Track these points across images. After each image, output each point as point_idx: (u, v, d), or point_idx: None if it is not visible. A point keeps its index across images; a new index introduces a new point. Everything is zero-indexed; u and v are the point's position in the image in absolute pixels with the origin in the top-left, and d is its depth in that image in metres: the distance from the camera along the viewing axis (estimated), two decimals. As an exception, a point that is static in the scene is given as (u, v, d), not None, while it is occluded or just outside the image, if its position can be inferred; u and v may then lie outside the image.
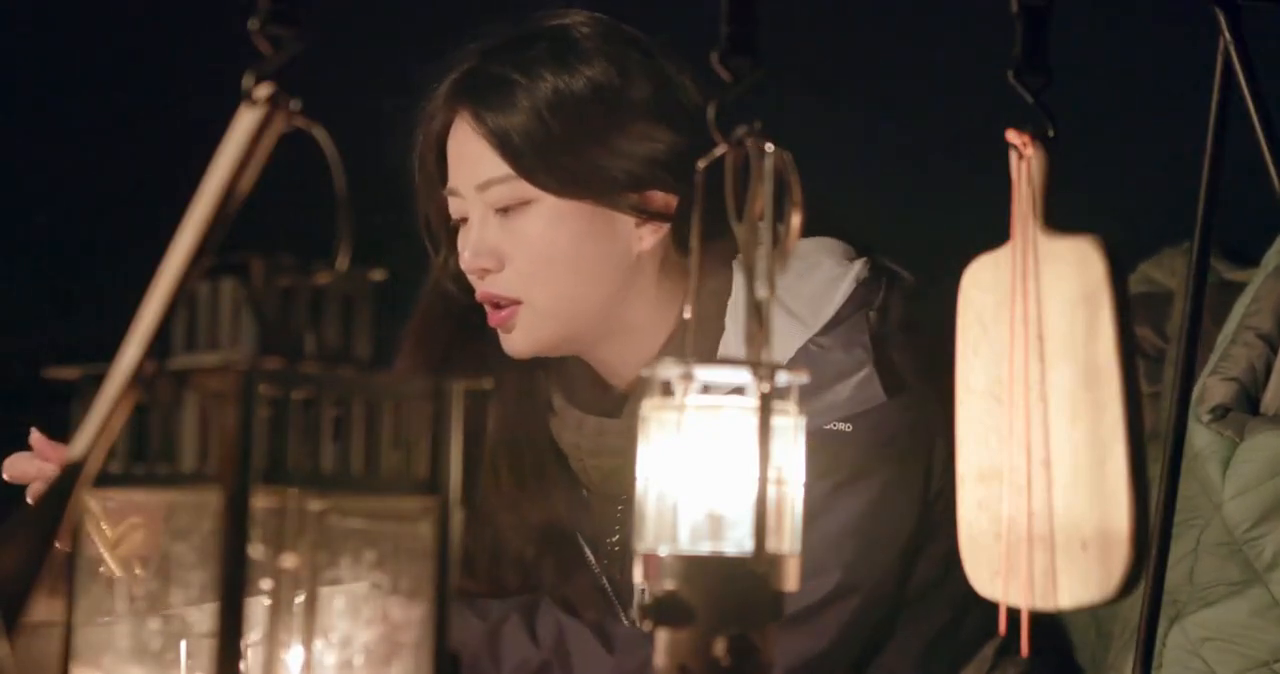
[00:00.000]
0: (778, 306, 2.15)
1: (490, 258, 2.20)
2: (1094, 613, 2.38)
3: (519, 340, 2.22)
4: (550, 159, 2.17)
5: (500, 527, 2.28)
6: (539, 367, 2.31)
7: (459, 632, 2.11)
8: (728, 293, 2.19)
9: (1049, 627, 2.37)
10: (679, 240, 2.22)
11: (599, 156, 2.17)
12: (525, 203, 2.18)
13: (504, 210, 2.19)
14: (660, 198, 2.20)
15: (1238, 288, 2.41)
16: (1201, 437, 2.26)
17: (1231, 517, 2.22)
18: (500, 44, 2.24)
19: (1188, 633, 2.22)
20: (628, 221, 2.20)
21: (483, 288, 2.22)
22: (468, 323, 2.26)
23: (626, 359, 2.25)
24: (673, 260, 2.24)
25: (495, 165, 2.19)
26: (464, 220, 2.23)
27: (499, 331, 2.23)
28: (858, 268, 2.21)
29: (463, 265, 2.22)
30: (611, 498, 2.30)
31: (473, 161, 2.21)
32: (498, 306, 2.21)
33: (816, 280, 2.19)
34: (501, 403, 2.30)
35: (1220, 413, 2.27)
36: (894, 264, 2.25)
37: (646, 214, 2.19)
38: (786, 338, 2.13)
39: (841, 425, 2.12)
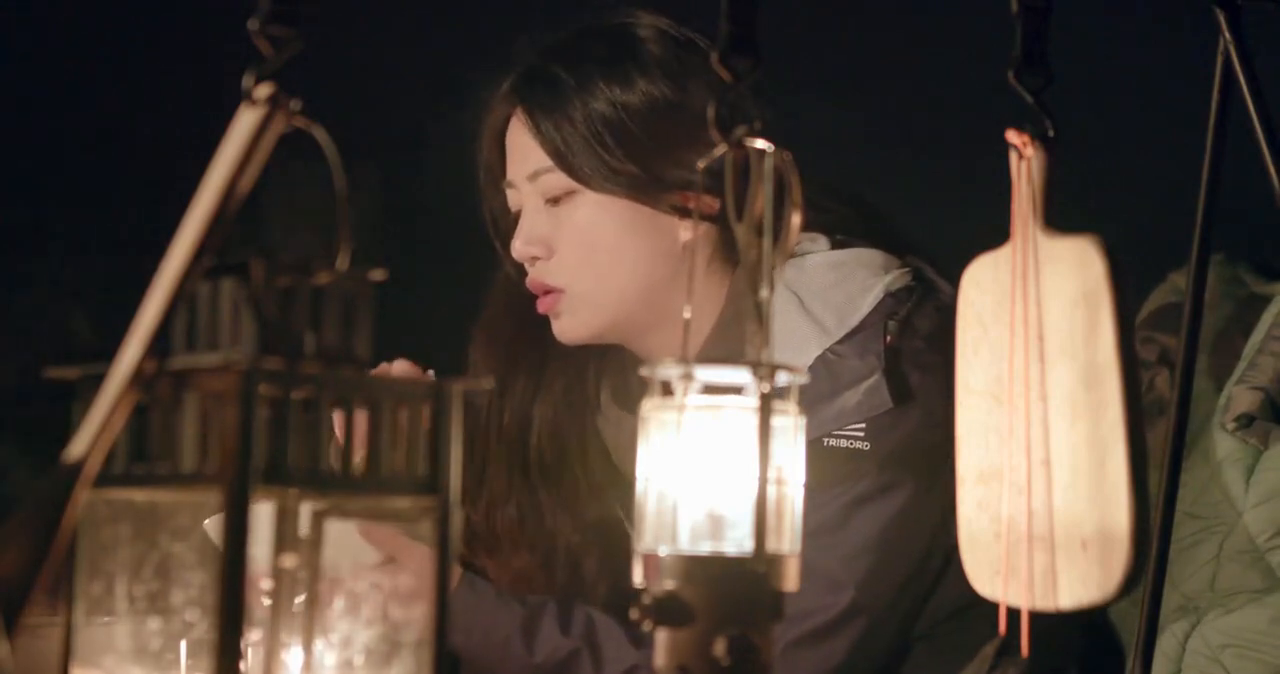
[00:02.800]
0: (804, 315, 2.16)
1: (540, 246, 2.25)
2: (1115, 621, 2.38)
3: (568, 327, 2.26)
4: (599, 165, 2.22)
5: (549, 523, 2.31)
6: (590, 364, 2.36)
7: (498, 612, 2.14)
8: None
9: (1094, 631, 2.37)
10: (726, 233, 2.24)
11: (650, 165, 2.21)
12: (572, 192, 2.23)
13: (554, 200, 2.24)
14: (706, 199, 2.21)
15: (1266, 300, 2.42)
16: (1226, 445, 2.27)
17: (1254, 524, 2.22)
18: (561, 44, 2.28)
19: (1208, 639, 2.22)
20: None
21: (532, 275, 2.27)
22: (531, 315, 2.30)
23: (674, 350, 2.26)
24: (721, 252, 2.25)
25: (544, 157, 2.24)
26: (521, 212, 2.28)
27: (551, 320, 2.27)
28: (890, 278, 2.22)
29: (514, 253, 2.27)
30: None
31: (525, 153, 2.26)
32: (546, 293, 2.26)
33: (847, 291, 2.20)
34: (550, 400, 2.35)
35: (1245, 421, 2.27)
36: (938, 275, 2.25)
37: (690, 214, 2.22)
38: (807, 346, 2.15)
39: (859, 444, 2.12)
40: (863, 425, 2.12)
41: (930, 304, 2.21)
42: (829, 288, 2.20)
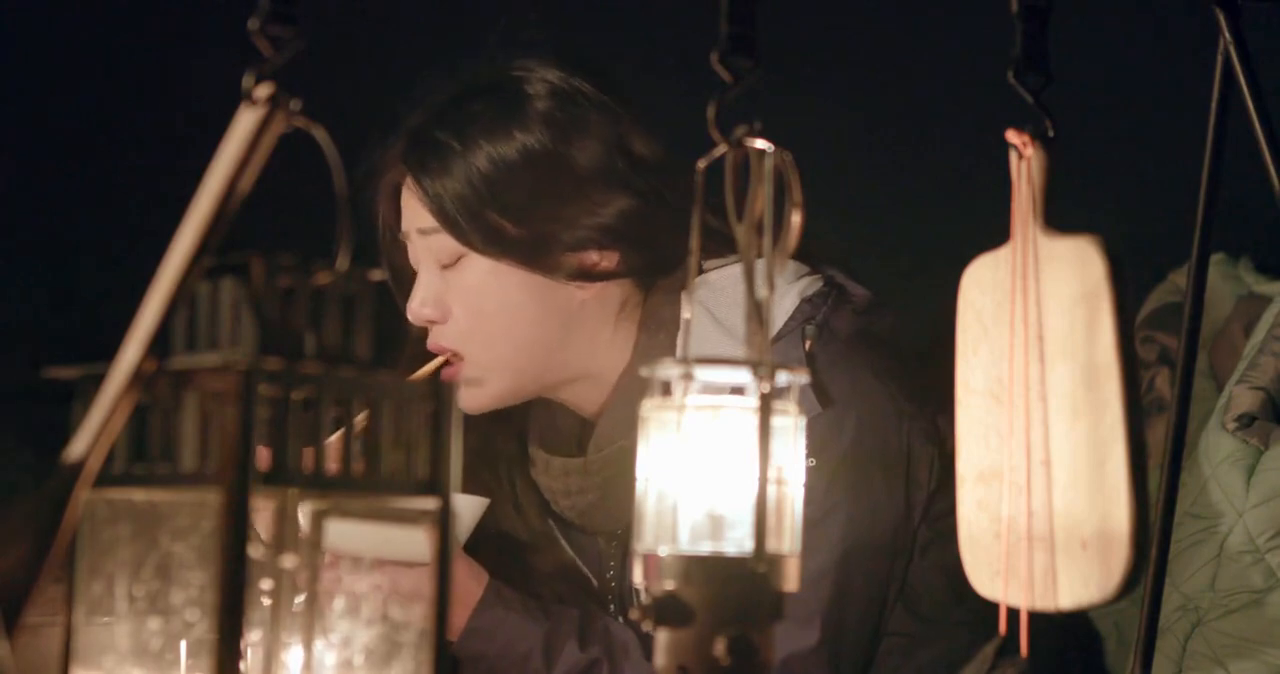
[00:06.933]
0: (719, 328, 2.15)
1: (434, 309, 2.22)
2: (1116, 622, 2.39)
3: (470, 398, 2.23)
4: (482, 224, 2.18)
5: (509, 573, 2.28)
6: (505, 418, 2.31)
7: (523, 625, 2.13)
8: (676, 324, 2.20)
9: (1076, 632, 2.37)
10: (639, 282, 2.22)
11: (533, 226, 2.18)
12: (463, 256, 2.20)
13: (447, 264, 2.21)
14: (595, 257, 2.20)
15: (1266, 300, 2.42)
16: (1227, 444, 2.27)
17: (1255, 525, 2.22)
18: (445, 103, 2.24)
19: (1209, 639, 2.22)
20: None
21: (432, 339, 2.23)
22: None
23: (592, 398, 2.26)
24: (635, 300, 2.24)
25: (430, 218, 2.21)
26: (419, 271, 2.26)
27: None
28: (804, 284, 2.20)
29: (409, 315, 2.24)
30: (603, 535, 2.30)
31: (415, 213, 2.23)
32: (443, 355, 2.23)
33: None
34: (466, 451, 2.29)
35: (1246, 421, 2.27)
36: (849, 280, 2.23)
37: (581, 276, 2.19)
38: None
39: (806, 461, 2.10)
40: (806, 442, 2.10)
41: (846, 307, 2.20)
42: (741, 299, 2.18)
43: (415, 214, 2.23)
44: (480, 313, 2.20)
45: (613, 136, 2.21)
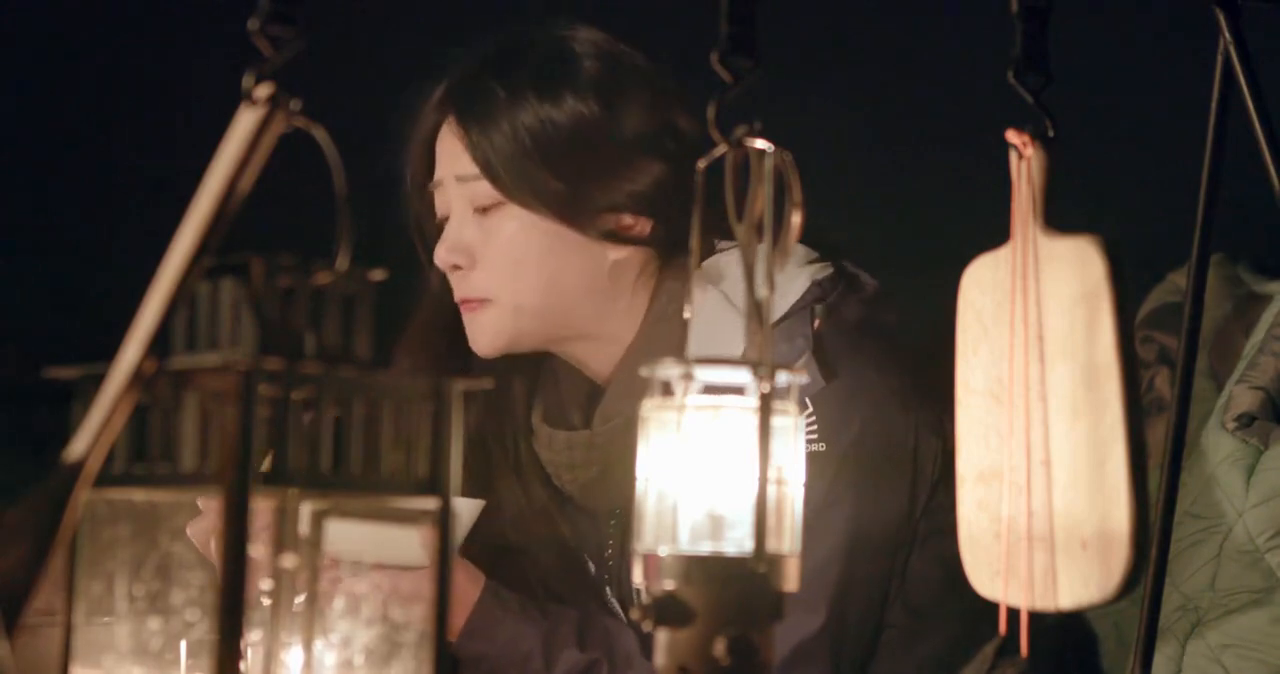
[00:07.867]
0: (730, 308, 2.15)
1: (463, 255, 2.22)
2: (1115, 622, 2.38)
3: (484, 338, 2.23)
4: (524, 179, 2.19)
5: (504, 546, 2.28)
6: (515, 379, 2.32)
7: (521, 625, 2.14)
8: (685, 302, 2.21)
9: (1074, 632, 2.37)
10: (661, 252, 2.23)
11: (577, 184, 2.19)
12: (501, 203, 2.20)
13: (483, 210, 2.21)
14: (630, 220, 2.21)
15: (1266, 300, 2.42)
16: (1226, 444, 2.26)
17: (1254, 525, 2.22)
18: (495, 55, 2.25)
19: (1208, 640, 2.22)
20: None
21: (457, 288, 2.24)
22: (456, 328, 2.27)
23: (600, 359, 2.26)
24: (652, 269, 2.24)
25: (473, 165, 2.21)
26: (448, 219, 2.25)
27: (467, 335, 2.24)
28: (814, 269, 2.21)
29: (437, 261, 2.24)
30: (603, 512, 2.30)
31: (454, 158, 2.23)
32: (466, 302, 2.23)
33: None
34: (473, 409, 2.30)
35: (1246, 421, 2.27)
36: (859, 269, 2.24)
37: (616, 238, 2.20)
38: (736, 338, 2.12)
39: (815, 445, 2.11)
40: (815, 426, 2.11)
41: (855, 295, 2.21)
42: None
43: (454, 159, 2.23)
44: (517, 261, 2.20)
45: (657, 102, 2.22)
